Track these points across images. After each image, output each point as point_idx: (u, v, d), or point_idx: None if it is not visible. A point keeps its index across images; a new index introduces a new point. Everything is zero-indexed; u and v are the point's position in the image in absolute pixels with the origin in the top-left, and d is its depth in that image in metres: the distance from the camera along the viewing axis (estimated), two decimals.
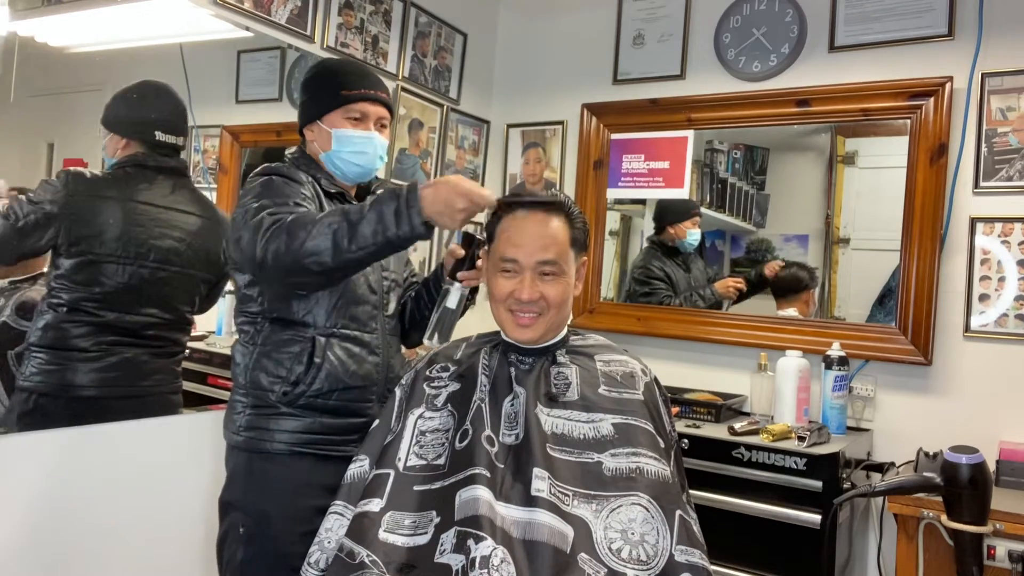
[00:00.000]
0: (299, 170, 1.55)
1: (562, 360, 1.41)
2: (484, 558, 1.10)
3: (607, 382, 1.38)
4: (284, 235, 1.32)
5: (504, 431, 1.30)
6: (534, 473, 1.22)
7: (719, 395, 2.49)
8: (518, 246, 1.35)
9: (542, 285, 1.35)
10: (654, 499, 1.23)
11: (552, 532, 1.16)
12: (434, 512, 1.22)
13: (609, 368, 1.41)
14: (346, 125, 1.57)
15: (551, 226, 1.36)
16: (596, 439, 1.29)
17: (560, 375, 1.38)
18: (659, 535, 1.20)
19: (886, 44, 2.41)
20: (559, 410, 1.32)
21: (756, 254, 2.72)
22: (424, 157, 2.82)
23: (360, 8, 2.51)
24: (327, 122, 1.58)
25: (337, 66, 1.67)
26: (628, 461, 1.27)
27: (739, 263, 2.78)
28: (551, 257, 1.35)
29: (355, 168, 1.60)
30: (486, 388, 1.36)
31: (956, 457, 1.64)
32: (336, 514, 1.33)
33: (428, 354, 1.52)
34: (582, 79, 2.96)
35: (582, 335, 1.51)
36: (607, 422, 1.31)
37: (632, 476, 1.25)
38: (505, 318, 1.39)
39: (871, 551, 2.30)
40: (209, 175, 2.21)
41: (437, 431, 1.34)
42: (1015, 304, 2.20)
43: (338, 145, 1.57)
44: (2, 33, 1.63)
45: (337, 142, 1.57)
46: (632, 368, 1.43)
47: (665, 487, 1.25)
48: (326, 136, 1.58)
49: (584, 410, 1.32)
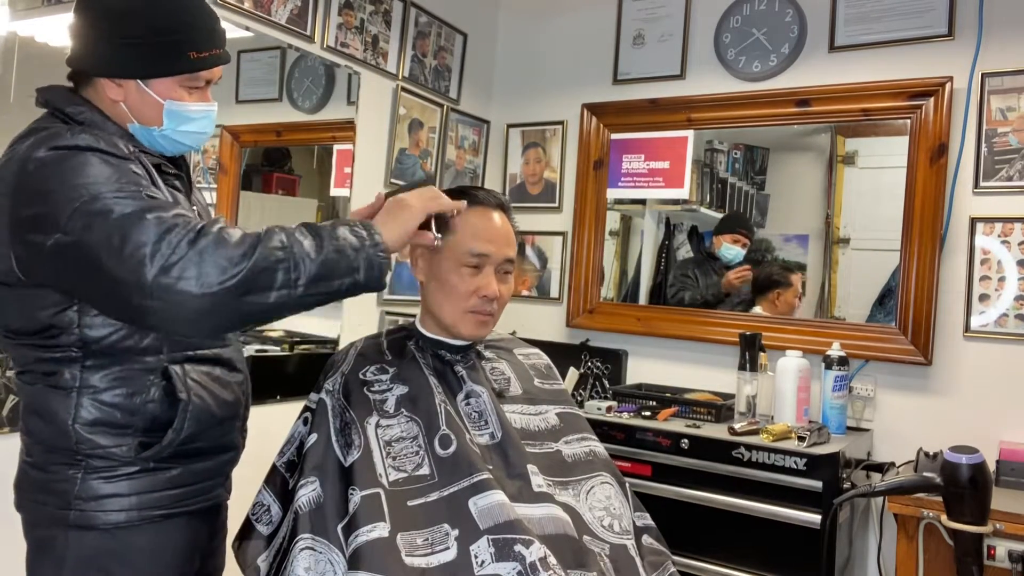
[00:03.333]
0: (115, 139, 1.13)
1: (490, 356, 1.42)
2: (542, 560, 1.09)
3: (537, 375, 1.45)
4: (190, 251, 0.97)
5: (474, 431, 1.27)
6: (528, 469, 1.23)
7: (719, 395, 2.49)
8: (489, 241, 1.31)
9: (499, 283, 1.33)
10: (611, 475, 1.35)
11: (561, 523, 1.19)
12: (447, 525, 1.14)
13: (531, 361, 1.47)
14: (183, 95, 1.19)
15: (507, 224, 1.36)
16: (548, 429, 1.35)
17: (496, 371, 1.40)
18: (623, 506, 1.32)
19: (886, 44, 2.41)
20: (509, 405, 1.34)
21: (756, 254, 2.73)
22: (424, 157, 2.82)
23: (360, 8, 2.51)
24: (156, 88, 1.17)
25: (184, 8, 1.19)
26: (581, 446, 1.36)
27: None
28: (513, 255, 1.35)
29: (182, 148, 1.25)
30: (441, 390, 1.30)
31: (956, 457, 1.64)
32: (309, 549, 1.13)
33: (348, 353, 1.38)
34: (582, 79, 2.96)
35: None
36: (551, 413, 1.38)
37: (589, 459, 1.35)
38: (461, 315, 1.31)
39: (871, 551, 2.30)
40: (209, 175, 2.21)
41: (403, 439, 1.23)
42: (1015, 304, 2.20)
43: (171, 122, 1.19)
44: (2, 33, 1.62)
45: (170, 118, 1.18)
46: (546, 360, 1.51)
47: (611, 463, 1.38)
48: (151, 105, 1.17)
49: (530, 403, 1.37)
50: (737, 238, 2.76)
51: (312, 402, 1.32)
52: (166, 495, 1.18)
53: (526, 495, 1.20)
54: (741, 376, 2.31)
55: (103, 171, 1.05)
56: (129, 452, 1.14)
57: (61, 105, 1.16)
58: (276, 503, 1.28)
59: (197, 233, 0.99)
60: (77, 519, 1.13)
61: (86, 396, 1.13)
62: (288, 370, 2.36)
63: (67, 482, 1.13)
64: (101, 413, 1.13)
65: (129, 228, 0.99)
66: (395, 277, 2.69)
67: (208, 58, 1.19)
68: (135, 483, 1.15)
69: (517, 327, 2.97)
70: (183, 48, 1.17)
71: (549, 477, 1.26)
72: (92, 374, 1.13)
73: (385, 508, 1.14)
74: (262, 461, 1.37)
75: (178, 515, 1.20)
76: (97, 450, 1.13)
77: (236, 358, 1.30)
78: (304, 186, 2.54)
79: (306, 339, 2.44)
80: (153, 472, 1.16)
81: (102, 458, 1.13)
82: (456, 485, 1.18)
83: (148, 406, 1.15)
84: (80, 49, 1.18)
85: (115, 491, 1.14)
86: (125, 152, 1.11)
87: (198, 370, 1.20)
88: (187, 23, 1.18)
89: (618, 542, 1.24)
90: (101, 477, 1.13)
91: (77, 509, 1.13)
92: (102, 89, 1.17)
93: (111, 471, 1.14)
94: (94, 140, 1.08)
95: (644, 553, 1.30)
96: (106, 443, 1.13)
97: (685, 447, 2.14)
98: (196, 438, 1.19)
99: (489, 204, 1.34)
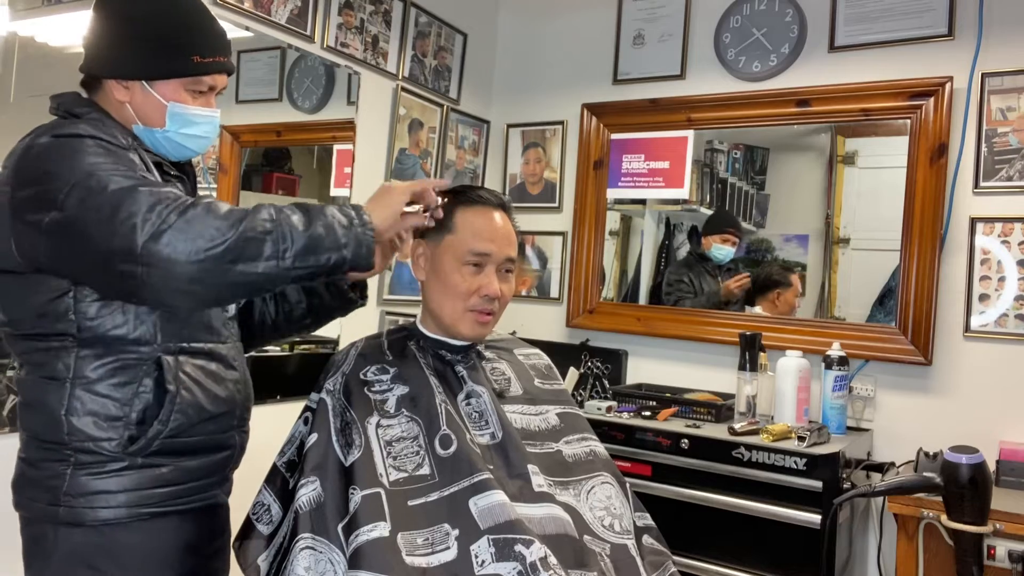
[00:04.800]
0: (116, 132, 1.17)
1: (490, 356, 1.42)
2: (542, 560, 1.09)
3: (537, 375, 1.45)
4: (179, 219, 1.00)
5: (475, 432, 1.27)
6: (529, 469, 1.23)
7: (719, 395, 2.49)
8: (491, 240, 1.31)
9: (501, 282, 1.33)
10: (612, 475, 1.34)
11: (562, 523, 1.19)
12: (447, 525, 1.14)
13: (531, 361, 1.47)
14: (187, 99, 1.23)
15: (508, 224, 1.36)
16: (548, 430, 1.35)
17: (496, 371, 1.40)
18: (623, 506, 1.31)
19: (886, 44, 2.41)
20: (510, 405, 1.34)
21: (756, 254, 2.73)
22: (424, 157, 2.82)
23: (360, 8, 2.51)
24: (161, 90, 1.21)
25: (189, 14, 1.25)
26: (582, 446, 1.36)
27: (739, 263, 2.78)
28: (514, 254, 1.35)
29: (186, 152, 1.27)
30: (441, 390, 1.30)
31: (956, 457, 1.64)
32: (309, 549, 1.13)
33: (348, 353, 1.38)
34: (582, 79, 2.96)
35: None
36: (552, 413, 1.38)
37: (590, 459, 1.35)
38: (461, 315, 1.31)
39: (871, 551, 2.30)
40: (209, 175, 2.21)
41: (403, 439, 1.23)
42: (1015, 304, 2.20)
43: (174, 124, 1.22)
44: (2, 33, 1.62)
45: (173, 121, 1.22)
46: (546, 360, 1.51)
47: (611, 463, 1.38)
48: (155, 107, 1.21)
49: (530, 403, 1.37)
50: (727, 237, 2.75)
51: (313, 402, 1.32)
52: (156, 493, 1.17)
53: (527, 495, 1.20)
54: (741, 376, 2.31)
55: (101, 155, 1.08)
56: (119, 447, 1.14)
57: (70, 107, 1.21)
58: (276, 503, 1.28)
59: (187, 205, 1.03)
60: (66, 515, 1.13)
61: (79, 386, 1.13)
62: (288, 370, 2.36)
63: (57, 478, 1.14)
64: (93, 404, 1.13)
65: (121, 199, 1.02)
66: (395, 277, 2.69)
67: (211, 63, 1.24)
68: (124, 480, 1.14)
69: (517, 327, 2.97)
70: (186, 51, 1.21)
71: (550, 477, 1.26)
72: (86, 364, 1.14)
73: (386, 508, 1.14)
74: (262, 461, 1.37)
75: (170, 514, 1.19)
76: (87, 443, 1.13)
77: (233, 356, 1.30)
78: (304, 186, 2.54)
79: (306, 339, 2.44)
80: (142, 469, 1.16)
81: (91, 453, 1.13)
82: (457, 485, 1.18)
83: (139, 397, 1.15)
84: (91, 53, 1.23)
85: (104, 488, 1.13)
86: (124, 143, 1.15)
87: (192, 363, 1.20)
88: (192, 30, 1.23)
89: (619, 542, 1.24)
90: (90, 473, 1.13)
91: (66, 505, 1.13)
92: (110, 91, 1.22)
93: (100, 467, 1.14)
94: (95, 130, 1.12)
95: (644, 553, 1.30)
96: (97, 434, 1.13)
97: (685, 447, 2.14)
98: (186, 433, 1.18)
99: (490, 203, 1.34)
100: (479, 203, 1.33)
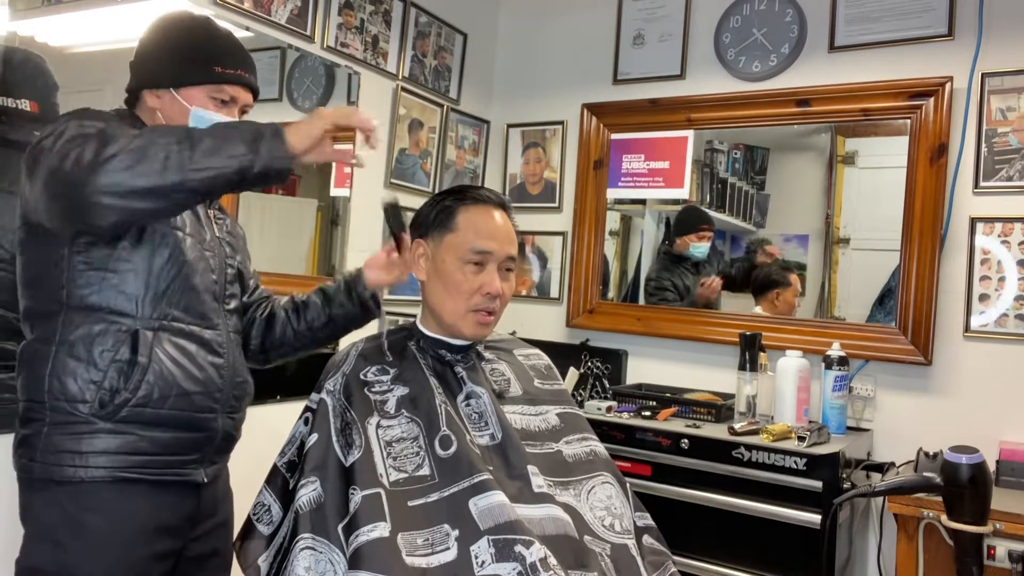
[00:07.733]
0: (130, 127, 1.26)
1: (490, 356, 1.42)
2: (542, 561, 1.09)
3: (537, 376, 1.45)
4: (96, 142, 1.09)
5: (474, 432, 1.27)
6: (528, 470, 1.23)
7: (719, 395, 2.49)
8: (493, 238, 1.31)
9: (502, 281, 1.33)
10: (612, 475, 1.34)
11: (562, 523, 1.19)
12: (447, 526, 1.14)
13: (531, 362, 1.48)
14: (209, 106, 1.33)
15: (508, 223, 1.36)
16: (548, 430, 1.35)
17: (495, 371, 1.40)
18: (623, 506, 1.31)
19: (886, 44, 2.41)
20: (510, 405, 1.34)
21: (756, 254, 2.73)
22: (424, 157, 2.82)
23: (360, 8, 2.51)
24: (186, 95, 1.32)
25: (215, 35, 1.39)
26: (582, 446, 1.36)
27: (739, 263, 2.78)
28: (514, 253, 1.35)
29: None
30: (441, 390, 1.30)
31: (956, 457, 1.64)
32: (309, 549, 1.14)
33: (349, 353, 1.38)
34: (582, 79, 2.96)
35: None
36: (552, 413, 1.38)
37: (590, 459, 1.35)
38: (463, 314, 1.31)
39: (871, 551, 2.30)
40: None
41: (403, 440, 1.23)
42: (1015, 304, 2.20)
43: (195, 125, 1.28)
44: (2, 33, 1.62)
45: (195, 122, 1.29)
46: (546, 360, 1.52)
47: (612, 463, 1.38)
48: (179, 111, 1.32)
49: (530, 404, 1.37)
50: (703, 235, 2.77)
51: (313, 402, 1.33)
52: (127, 459, 1.22)
53: (527, 496, 1.20)
54: (741, 376, 2.31)
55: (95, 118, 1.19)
56: (91, 409, 1.20)
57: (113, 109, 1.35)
58: (277, 503, 1.29)
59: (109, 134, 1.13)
60: (41, 472, 1.22)
61: (63, 350, 1.22)
62: (289, 370, 2.35)
63: (35, 436, 1.22)
64: (75, 365, 1.21)
65: (72, 129, 1.14)
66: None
67: (231, 75, 1.35)
68: (96, 441, 1.21)
69: (517, 327, 2.97)
70: (210, 63, 1.34)
71: (550, 477, 1.26)
72: (71, 330, 1.22)
73: (386, 508, 1.14)
74: (263, 461, 1.37)
75: (139, 482, 1.24)
76: (63, 403, 1.21)
77: (220, 342, 1.35)
78: (304, 186, 2.54)
79: None
80: (113, 434, 1.21)
81: (66, 413, 1.21)
82: (456, 486, 1.18)
83: (114, 364, 1.21)
84: (133, 70, 1.38)
85: (75, 447, 1.20)
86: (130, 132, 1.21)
87: (171, 340, 1.27)
88: (216, 46, 1.37)
89: (619, 542, 1.24)
90: (64, 433, 1.21)
91: (40, 462, 1.21)
92: (145, 101, 1.35)
93: (72, 427, 1.21)
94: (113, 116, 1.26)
95: (645, 553, 1.30)
96: (74, 394, 1.20)
97: (685, 447, 2.14)
98: (154, 404, 1.24)
99: (490, 202, 1.35)
100: (480, 202, 1.34)
